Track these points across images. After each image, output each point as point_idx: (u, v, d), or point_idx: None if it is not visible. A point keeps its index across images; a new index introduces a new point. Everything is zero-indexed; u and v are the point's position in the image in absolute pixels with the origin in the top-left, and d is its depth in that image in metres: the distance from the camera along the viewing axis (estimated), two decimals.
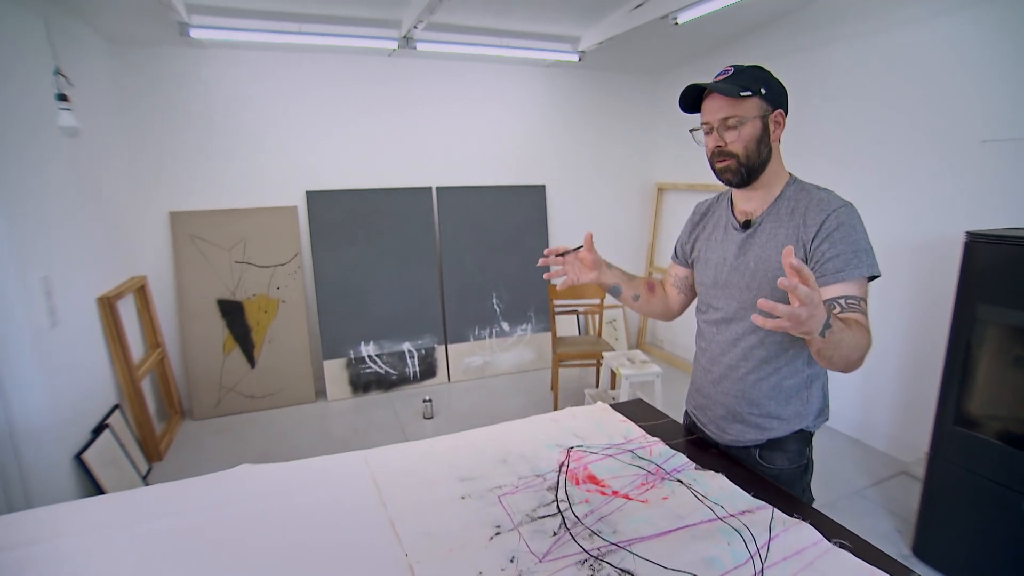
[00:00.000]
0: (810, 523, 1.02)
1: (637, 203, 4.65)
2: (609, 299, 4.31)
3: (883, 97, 2.75)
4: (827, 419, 1.25)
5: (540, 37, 3.46)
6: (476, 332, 4.07)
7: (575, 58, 3.58)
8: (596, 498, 1.13)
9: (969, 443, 1.92)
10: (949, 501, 2.01)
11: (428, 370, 3.94)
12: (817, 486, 1.28)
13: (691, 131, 1.21)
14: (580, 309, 3.79)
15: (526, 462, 1.28)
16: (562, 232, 4.38)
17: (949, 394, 1.98)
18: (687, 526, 1.03)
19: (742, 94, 1.08)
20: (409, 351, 3.89)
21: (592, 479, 1.20)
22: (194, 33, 2.73)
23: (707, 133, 1.15)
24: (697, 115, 1.17)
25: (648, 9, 2.77)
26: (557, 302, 3.71)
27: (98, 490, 2.30)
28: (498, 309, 4.12)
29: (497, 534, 1.02)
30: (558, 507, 1.10)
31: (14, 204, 1.99)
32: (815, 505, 1.33)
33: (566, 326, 4.35)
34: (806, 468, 1.25)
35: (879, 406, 2.91)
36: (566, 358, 3.41)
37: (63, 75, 1.93)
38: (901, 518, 2.36)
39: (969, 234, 1.90)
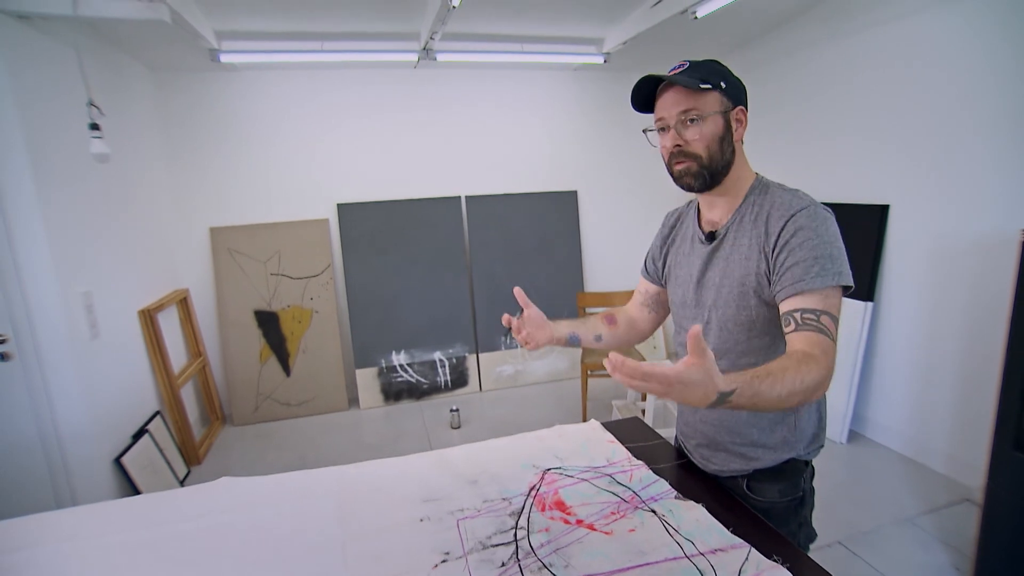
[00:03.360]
0: (788, 567, 0.91)
1: (674, 206, 4.46)
2: None
3: (929, 81, 2.49)
4: (823, 445, 1.11)
5: (563, 40, 3.40)
6: (508, 340, 4.03)
7: (600, 60, 3.49)
8: (558, 527, 1.06)
9: None
10: (1011, 537, 1.76)
11: (459, 379, 3.94)
12: (861, 510, 1.14)
13: (644, 132, 1.11)
14: None
15: (496, 484, 1.22)
16: (596, 238, 4.28)
17: (1008, 415, 1.75)
18: (647, 564, 0.94)
19: (702, 86, 0.98)
20: (440, 360, 3.90)
21: (559, 505, 1.13)
22: (224, 58, 2.87)
23: (662, 131, 1.05)
24: (650, 116, 1.08)
25: (667, 4, 2.65)
26: (588, 310, 3.61)
27: (136, 491, 2.44)
28: None
29: (444, 561, 0.98)
30: (515, 535, 1.04)
31: (57, 225, 2.15)
32: (853, 537, 1.20)
33: None
34: (802, 501, 1.12)
35: (937, 422, 2.61)
36: (594, 368, 3.31)
37: (95, 106, 2.08)
38: (960, 552, 2.10)
39: None
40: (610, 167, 4.25)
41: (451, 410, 3.41)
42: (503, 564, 0.96)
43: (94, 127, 2.07)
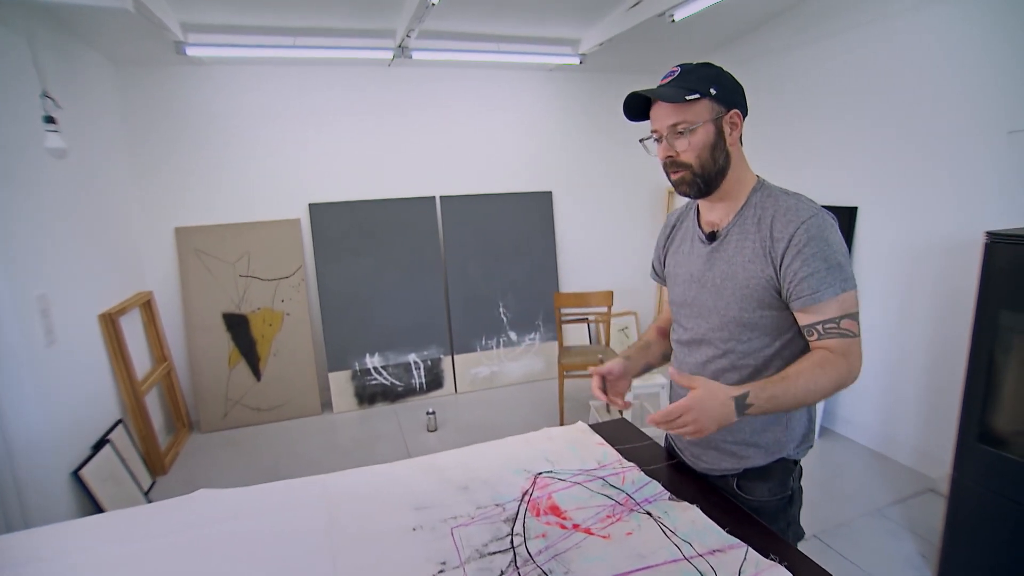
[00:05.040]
0: (786, 566, 0.92)
1: (647, 207, 4.53)
2: (618, 306, 4.21)
3: (897, 88, 2.59)
4: (812, 445, 1.13)
5: (539, 41, 3.40)
6: (483, 342, 4.01)
7: (576, 61, 3.50)
8: (554, 532, 1.05)
9: (995, 462, 1.75)
10: (975, 525, 1.84)
11: (435, 381, 3.90)
12: (833, 504, 1.18)
13: (641, 141, 1.12)
14: (590, 317, 3.69)
15: (488, 489, 1.20)
16: (571, 238, 4.29)
17: (972, 409, 1.82)
18: (648, 567, 0.94)
19: (688, 98, 0.99)
20: (415, 362, 3.85)
21: (554, 510, 1.11)
22: (190, 51, 2.76)
23: (657, 142, 1.07)
24: (647, 122, 1.09)
25: (645, 7, 2.68)
26: (564, 310, 3.62)
27: (96, 506, 2.32)
28: (505, 318, 4.05)
29: (441, 572, 0.95)
30: (511, 542, 1.02)
31: (7, 225, 2.02)
32: (833, 531, 1.22)
33: (576, 335, 4.26)
34: (791, 500, 1.14)
35: (903, 418, 2.72)
36: (571, 368, 3.31)
37: (50, 97, 1.96)
38: (926, 540, 2.19)
39: (989, 234, 1.74)
40: (585, 168, 4.27)
41: (427, 413, 3.36)
42: (502, 572, 0.94)
43: (49, 120, 1.94)
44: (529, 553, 0.99)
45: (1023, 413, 1.76)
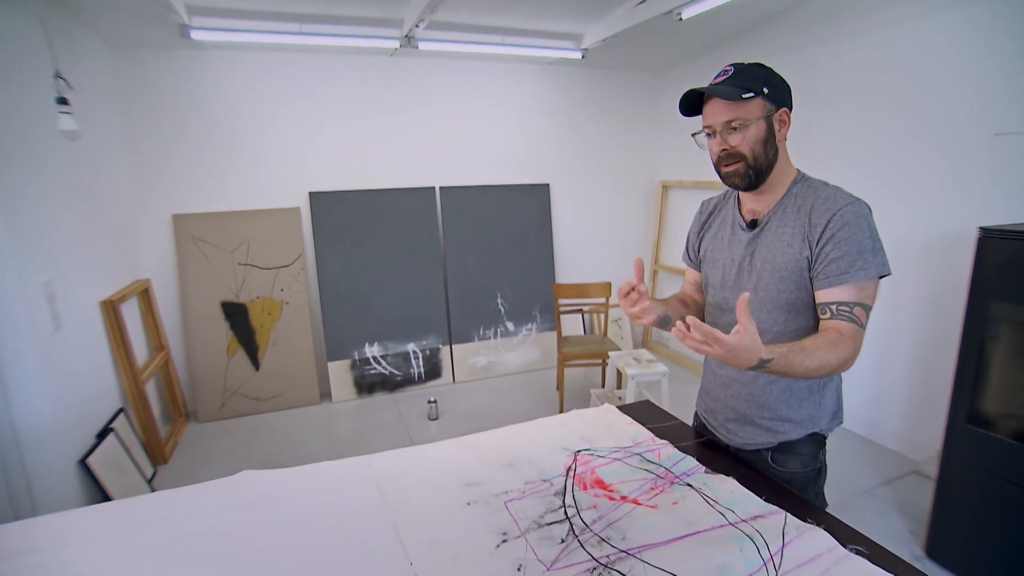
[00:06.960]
0: (824, 528, 1.00)
1: (642, 201, 4.62)
2: (614, 297, 4.29)
3: (892, 91, 2.71)
4: (841, 421, 1.22)
5: (543, 35, 3.43)
6: (481, 332, 4.05)
7: (578, 55, 3.55)
8: (604, 503, 1.11)
9: (983, 442, 1.88)
10: (963, 502, 1.97)
11: (433, 371, 3.93)
12: (828, 485, 1.27)
13: (693, 135, 1.17)
14: (585, 308, 3.76)
15: (533, 466, 1.26)
16: (567, 230, 4.36)
17: (962, 393, 1.94)
18: (698, 532, 1.01)
19: (744, 96, 1.05)
20: (414, 352, 3.87)
21: (600, 484, 1.17)
22: (195, 35, 2.71)
23: (710, 136, 1.12)
24: (697, 118, 1.15)
25: (652, 5, 2.74)
26: (562, 301, 3.68)
27: (103, 494, 2.29)
28: (503, 309, 4.10)
29: (504, 541, 1.00)
30: (565, 513, 1.08)
31: (15, 208, 1.98)
32: (828, 509, 1.31)
33: (571, 325, 4.33)
34: (819, 472, 1.22)
35: (890, 404, 2.87)
36: (571, 358, 3.39)
37: (63, 78, 1.91)
38: (913, 518, 2.32)
39: (982, 229, 1.86)
40: (582, 162, 4.33)
41: (429, 401, 3.40)
42: (562, 540, 1.00)
43: (62, 101, 1.90)
44: (584, 522, 1.05)
45: (1010, 396, 1.89)
